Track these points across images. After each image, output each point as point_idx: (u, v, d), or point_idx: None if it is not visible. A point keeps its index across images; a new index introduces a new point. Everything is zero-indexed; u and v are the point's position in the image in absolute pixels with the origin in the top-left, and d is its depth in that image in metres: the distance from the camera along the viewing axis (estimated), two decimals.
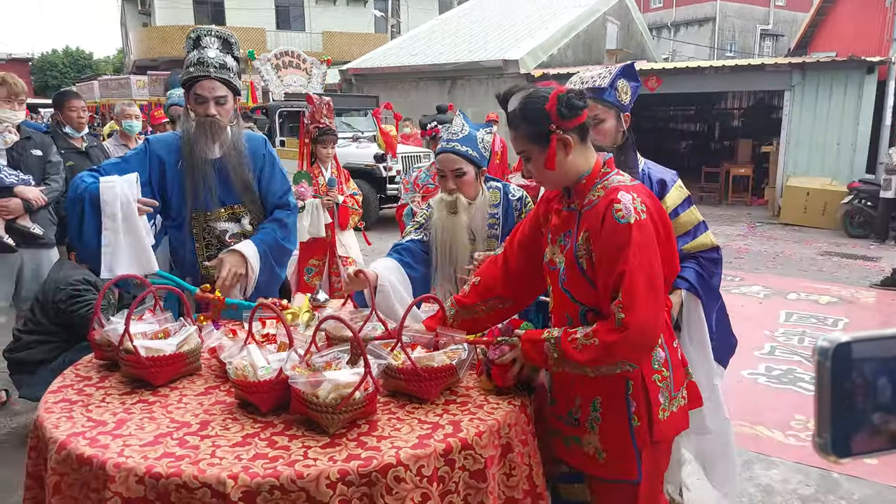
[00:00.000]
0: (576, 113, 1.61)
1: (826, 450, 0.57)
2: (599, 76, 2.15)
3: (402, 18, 24.27)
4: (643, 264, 1.55)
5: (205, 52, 2.42)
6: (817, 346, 0.56)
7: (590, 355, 1.58)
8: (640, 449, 1.68)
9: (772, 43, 34.81)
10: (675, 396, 1.73)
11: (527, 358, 1.71)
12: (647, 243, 1.57)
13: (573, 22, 15.68)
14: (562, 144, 1.63)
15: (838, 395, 0.56)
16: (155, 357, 1.78)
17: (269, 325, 2.04)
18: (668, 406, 1.71)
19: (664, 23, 35.37)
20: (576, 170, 1.67)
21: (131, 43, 27.03)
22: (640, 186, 1.68)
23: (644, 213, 1.58)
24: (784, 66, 11.21)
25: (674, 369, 1.74)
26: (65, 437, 1.52)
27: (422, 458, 1.45)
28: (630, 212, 1.56)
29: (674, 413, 1.72)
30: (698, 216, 2.24)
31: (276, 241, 2.57)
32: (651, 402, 1.67)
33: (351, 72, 16.71)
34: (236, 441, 1.51)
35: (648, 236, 1.58)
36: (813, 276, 7.12)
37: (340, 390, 1.52)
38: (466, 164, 2.34)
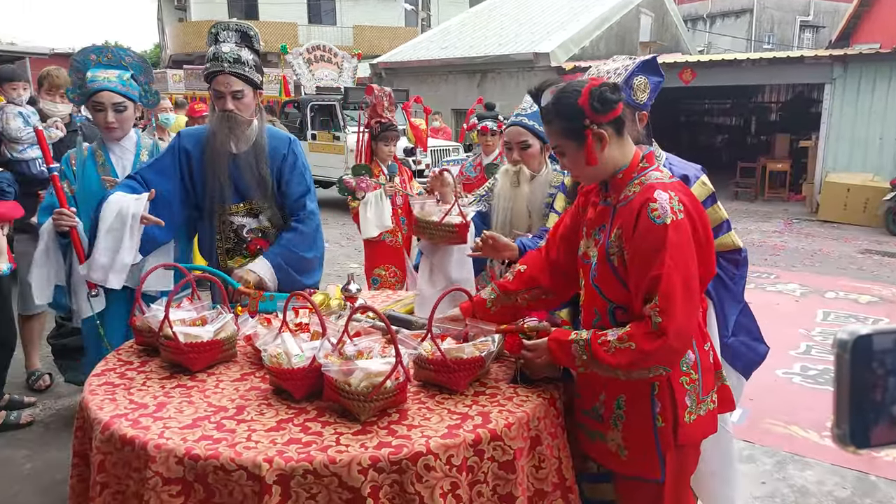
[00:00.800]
0: (610, 107, 1.58)
1: (845, 440, 0.57)
2: (616, 72, 2.05)
3: (432, 12, 24.28)
4: (679, 266, 1.52)
5: (220, 48, 2.44)
6: (837, 337, 0.57)
7: (625, 359, 1.55)
8: (663, 450, 1.66)
9: (812, 35, 33.86)
10: (703, 400, 1.69)
11: (553, 359, 1.70)
12: (684, 244, 1.54)
13: (606, 14, 15.47)
14: (597, 139, 1.60)
15: (857, 387, 0.57)
16: (193, 343, 1.83)
17: (302, 314, 2.08)
18: (695, 409, 1.67)
19: (700, 14, 34.67)
20: (613, 164, 1.64)
21: (167, 38, 27.55)
22: (678, 184, 1.63)
23: (681, 213, 1.54)
24: (825, 59, 10.91)
25: (703, 373, 1.70)
26: (108, 418, 1.58)
27: (451, 448, 1.46)
28: (666, 211, 1.53)
29: (701, 417, 1.69)
30: (722, 214, 2.15)
31: (292, 252, 2.53)
32: (677, 404, 1.64)
33: (381, 65, 16.77)
34: (271, 426, 1.55)
35: (685, 237, 1.54)
36: (852, 275, 6.95)
37: (372, 379, 1.55)
38: (532, 137, 2.46)
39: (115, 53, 2.62)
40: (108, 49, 2.63)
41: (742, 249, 2.13)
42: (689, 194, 1.64)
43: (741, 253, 2.13)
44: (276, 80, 14.30)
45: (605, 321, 1.69)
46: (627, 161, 1.65)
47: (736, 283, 2.13)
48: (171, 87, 15.18)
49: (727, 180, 13.54)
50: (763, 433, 3.47)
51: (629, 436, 1.69)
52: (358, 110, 11.59)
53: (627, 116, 2.00)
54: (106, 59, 2.58)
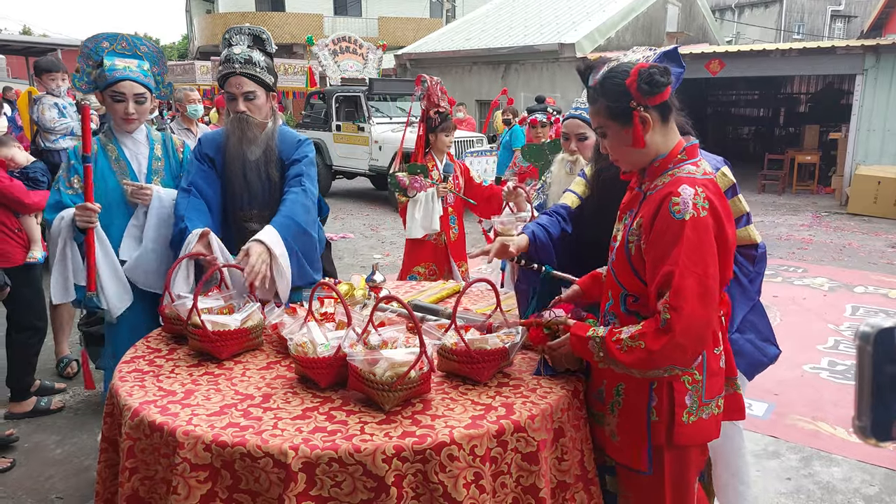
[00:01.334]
0: (657, 90, 1.54)
1: (866, 433, 0.58)
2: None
3: (457, 3, 24.13)
4: (696, 265, 1.48)
5: (232, 50, 2.44)
6: (859, 330, 0.56)
7: (635, 357, 1.54)
8: (654, 444, 1.64)
9: (843, 25, 33.07)
10: (706, 403, 1.65)
11: (576, 352, 1.70)
12: (702, 243, 1.49)
13: (633, 4, 15.26)
14: (642, 122, 1.56)
15: (880, 380, 0.56)
16: (220, 332, 1.86)
17: (327, 303, 2.09)
18: (695, 411, 1.64)
19: (728, 5, 34.05)
20: (654, 150, 1.61)
21: (195, 29, 27.82)
22: (710, 182, 1.57)
23: (704, 210, 1.50)
24: (856, 49, 10.64)
25: (710, 376, 1.65)
26: (138, 404, 1.62)
27: (475, 438, 1.47)
28: (688, 207, 1.49)
29: (703, 420, 1.65)
30: (743, 207, 2.08)
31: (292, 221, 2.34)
32: (675, 402, 1.62)
33: (406, 57, 16.75)
34: (297, 414, 1.57)
35: (704, 235, 1.50)
36: (883, 270, 6.80)
37: (396, 369, 1.56)
38: (589, 129, 2.53)
39: (131, 42, 2.50)
40: (122, 37, 2.49)
41: (759, 245, 2.06)
42: (719, 194, 1.58)
43: (758, 248, 2.06)
44: (301, 72, 14.39)
45: (616, 306, 1.69)
46: (668, 150, 1.61)
47: (752, 281, 2.07)
48: (199, 78, 15.34)
49: (754, 172, 13.33)
50: (789, 428, 3.43)
51: (623, 423, 1.69)
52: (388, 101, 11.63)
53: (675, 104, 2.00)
54: (121, 48, 2.47)
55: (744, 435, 2.25)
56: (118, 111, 2.43)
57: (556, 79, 13.94)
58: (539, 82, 14.11)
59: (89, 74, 2.46)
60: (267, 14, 24.81)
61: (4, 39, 12.61)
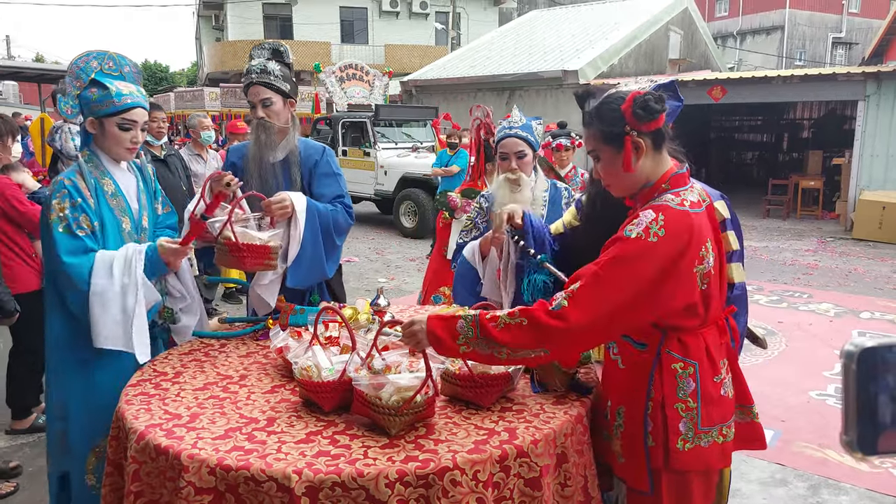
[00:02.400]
0: (651, 116, 1.57)
1: (853, 447, 0.60)
2: None
3: (462, 31, 24.51)
4: (614, 278, 1.49)
5: (251, 63, 2.59)
6: (844, 349, 0.59)
7: (512, 335, 1.51)
8: (653, 468, 1.65)
9: (844, 51, 33.37)
10: (704, 431, 1.64)
11: (433, 338, 1.59)
12: (634, 263, 1.49)
13: (635, 32, 15.45)
14: (634, 147, 1.59)
15: (864, 397, 0.59)
16: (249, 245, 2.16)
17: (331, 327, 2.11)
18: (690, 438, 1.63)
19: (730, 31, 34.44)
20: (644, 176, 1.63)
21: (205, 56, 28.28)
22: (683, 214, 1.55)
23: (655, 237, 1.50)
24: (857, 76, 10.74)
25: (706, 404, 1.63)
26: (143, 427, 1.62)
27: (478, 463, 1.47)
28: (640, 226, 1.52)
29: (701, 448, 1.63)
30: (731, 244, 1.96)
31: (329, 213, 2.54)
32: (668, 428, 1.62)
33: (412, 83, 16.95)
34: (301, 438, 1.57)
35: (638, 259, 1.50)
36: (889, 295, 6.78)
37: (402, 393, 1.57)
38: (526, 146, 2.63)
39: (117, 61, 2.29)
40: (110, 56, 2.29)
41: (736, 285, 1.94)
42: (688, 227, 1.54)
43: (736, 289, 1.95)
44: (308, 98, 14.57)
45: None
46: (656, 177, 1.64)
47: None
48: (208, 104, 15.56)
49: (759, 198, 13.35)
50: (795, 456, 3.39)
51: (626, 445, 1.71)
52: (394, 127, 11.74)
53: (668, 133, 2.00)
54: (108, 68, 2.25)
55: None
56: (123, 140, 2.21)
57: (560, 105, 14.07)
58: (543, 108, 14.24)
59: (78, 97, 2.23)
60: (276, 42, 25.22)
61: (18, 66, 12.85)
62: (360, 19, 26.71)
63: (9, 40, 29.37)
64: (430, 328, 1.60)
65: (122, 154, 2.26)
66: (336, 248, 2.65)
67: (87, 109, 2.20)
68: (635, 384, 1.68)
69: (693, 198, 1.62)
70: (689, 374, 1.63)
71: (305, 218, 2.46)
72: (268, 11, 25.85)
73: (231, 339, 2.32)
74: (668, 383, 1.63)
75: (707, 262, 1.59)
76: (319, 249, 2.54)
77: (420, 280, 7.33)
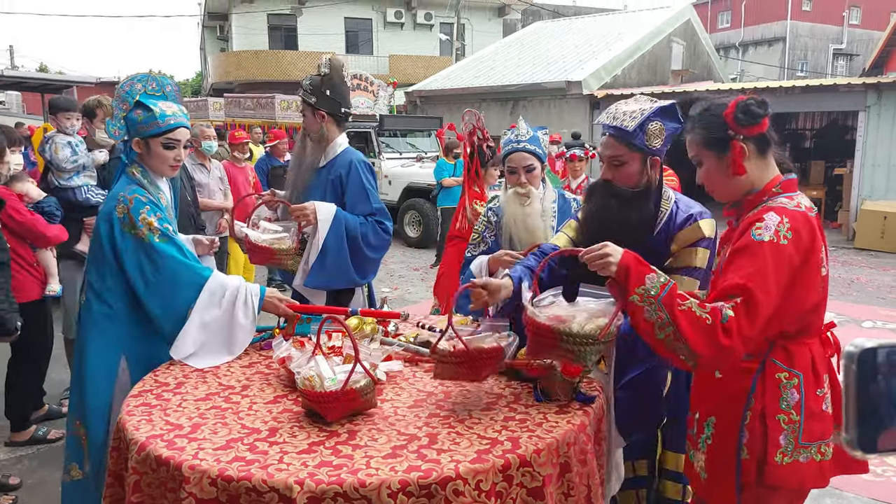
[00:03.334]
0: (752, 121, 1.58)
1: (853, 445, 0.61)
2: (632, 115, 1.99)
3: (466, 42, 24.64)
4: (766, 285, 1.48)
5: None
6: (845, 350, 0.61)
7: (690, 324, 1.47)
8: (742, 483, 1.61)
9: (845, 62, 33.46)
10: (804, 446, 1.58)
11: (618, 270, 1.57)
12: (775, 268, 1.49)
13: (638, 43, 15.52)
14: (741, 152, 1.61)
15: (864, 396, 0.60)
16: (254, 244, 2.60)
17: (335, 337, 2.11)
18: (790, 452, 1.58)
19: (732, 43, 34.56)
20: (748, 182, 1.64)
21: (209, 67, 28.41)
22: (801, 214, 1.56)
23: (786, 240, 1.51)
24: (858, 87, 10.76)
25: (808, 417, 1.58)
26: (144, 438, 1.62)
27: (480, 473, 1.47)
28: (769, 231, 1.52)
29: (799, 463, 1.58)
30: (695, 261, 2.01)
31: (358, 225, 2.82)
32: (769, 440, 1.58)
33: (416, 94, 17.03)
34: (303, 448, 1.57)
35: (779, 262, 1.50)
36: (891, 304, 6.76)
37: (595, 321, 1.61)
38: (535, 160, 2.65)
39: (159, 82, 2.43)
40: (153, 78, 2.44)
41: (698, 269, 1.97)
42: (810, 228, 1.56)
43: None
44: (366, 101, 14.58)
45: None
46: (763, 183, 1.64)
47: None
48: (212, 114, 15.59)
49: None
50: None
51: (711, 460, 1.67)
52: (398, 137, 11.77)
53: (638, 160, 2.01)
54: (151, 89, 2.38)
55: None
56: (168, 158, 2.31)
57: (564, 115, 14.10)
58: (547, 118, 14.27)
59: (124, 119, 2.33)
60: (280, 52, 25.31)
61: (21, 76, 12.92)
62: (365, 30, 26.84)
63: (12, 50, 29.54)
64: (626, 261, 1.58)
65: (167, 171, 2.37)
66: (368, 259, 2.88)
67: (134, 130, 2.30)
68: (733, 393, 1.64)
69: (806, 202, 1.62)
70: (793, 385, 1.59)
71: (330, 226, 2.72)
72: (273, 22, 25.98)
73: None
74: (770, 393, 1.59)
75: (824, 267, 1.61)
76: (345, 256, 2.77)
77: (423, 290, 7.33)
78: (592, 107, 13.69)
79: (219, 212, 5.42)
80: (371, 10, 26.40)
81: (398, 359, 2.06)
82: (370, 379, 1.73)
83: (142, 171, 2.33)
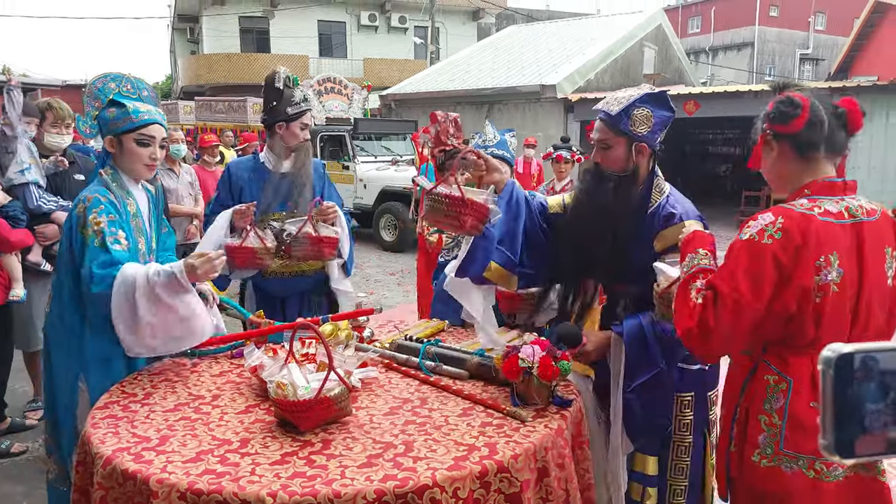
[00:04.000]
0: (781, 119, 1.61)
1: (830, 451, 0.62)
2: (619, 101, 2.04)
3: (440, 45, 24.66)
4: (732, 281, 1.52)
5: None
6: (822, 356, 0.62)
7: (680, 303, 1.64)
8: (731, 476, 1.70)
9: (811, 67, 34.27)
10: (789, 455, 1.56)
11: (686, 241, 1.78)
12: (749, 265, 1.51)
13: (611, 47, 15.69)
14: (765, 145, 1.66)
15: (841, 401, 0.61)
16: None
17: (308, 344, 2.07)
18: (769, 456, 1.58)
19: (702, 47, 35.15)
20: (785, 180, 1.66)
21: (179, 70, 28.03)
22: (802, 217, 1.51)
23: (770, 239, 1.50)
24: (824, 91, 10.99)
25: (793, 427, 1.55)
26: (111, 452, 1.57)
27: (457, 480, 1.45)
28: (753, 229, 1.54)
29: (781, 472, 1.57)
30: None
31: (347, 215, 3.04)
32: (747, 437, 1.62)
33: (391, 97, 17.00)
34: (275, 459, 1.53)
35: (757, 260, 1.50)
36: None
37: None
38: (503, 164, 2.59)
39: (135, 84, 2.34)
40: (128, 79, 2.34)
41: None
42: (808, 231, 1.50)
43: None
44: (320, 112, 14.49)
45: None
46: (800, 184, 1.61)
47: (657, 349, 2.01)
48: (182, 118, 15.39)
49: (732, 209, 13.53)
50: None
51: (718, 447, 1.82)
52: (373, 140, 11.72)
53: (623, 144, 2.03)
54: (126, 90, 2.30)
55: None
56: (142, 156, 2.23)
57: (539, 118, 14.19)
58: (522, 122, 14.34)
59: (96, 118, 2.26)
60: (252, 55, 25.06)
61: None
62: (339, 33, 26.71)
63: None
64: (692, 235, 1.80)
65: (141, 171, 2.28)
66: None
67: (106, 128, 2.23)
68: (733, 389, 1.71)
69: (833, 208, 1.55)
70: (780, 390, 1.57)
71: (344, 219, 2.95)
72: (244, 25, 25.72)
73: (204, 358, 2.27)
74: (758, 393, 1.62)
75: (827, 274, 1.50)
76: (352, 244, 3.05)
77: (400, 294, 7.30)
78: (567, 110, 13.80)
79: (188, 217, 5.29)
80: (345, 13, 26.30)
81: (373, 365, 2.03)
82: (345, 387, 1.69)
83: (112, 174, 2.24)
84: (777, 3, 33.26)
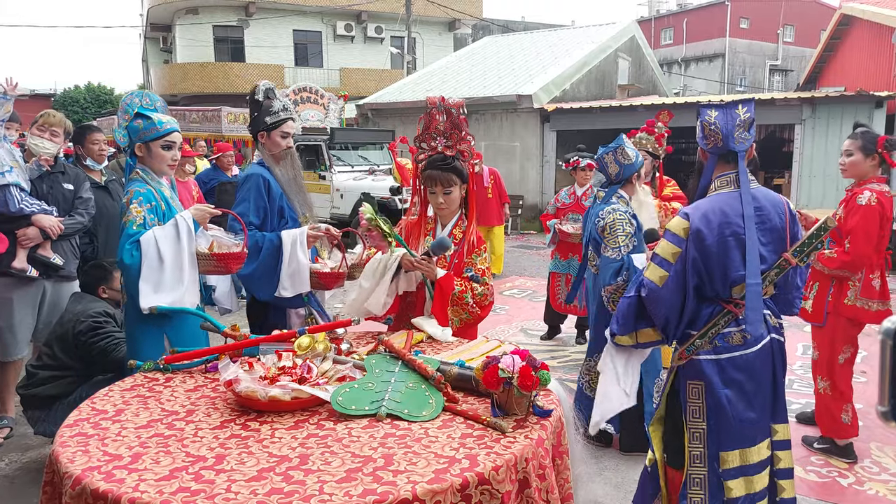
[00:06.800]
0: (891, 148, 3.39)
1: (888, 417, 0.66)
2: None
3: (417, 55, 24.70)
4: (865, 228, 3.40)
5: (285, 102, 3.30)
6: (883, 327, 0.65)
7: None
8: (828, 310, 3.57)
9: (781, 78, 35.05)
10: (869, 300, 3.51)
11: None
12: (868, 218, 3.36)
13: (585, 58, 15.87)
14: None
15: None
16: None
17: (285, 357, 2.04)
18: (852, 298, 3.52)
19: (675, 59, 35.77)
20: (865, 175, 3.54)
21: (152, 79, 27.69)
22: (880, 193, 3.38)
23: (875, 202, 3.35)
24: (794, 101, 11.27)
25: (865, 287, 3.57)
26: (80, 471, 1.52)
27: (438, 493, 1.43)
28: (865, 198, 3.39)
29: (857, 308, 3.54)
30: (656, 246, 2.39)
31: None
32: (841, 286, 3.59)
33: (367, 107, 16.97)
34: (252, 476, 1.50)
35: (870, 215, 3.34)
36: None
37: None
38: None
39: (151, 99, 2.92)
40: (147, 94, 2.95)
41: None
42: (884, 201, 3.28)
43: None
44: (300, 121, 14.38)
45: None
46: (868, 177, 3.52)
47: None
48: None
49: None
50: None
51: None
52: (350, 150, 11.65)
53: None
54: (145, 104, 2.87)
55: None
56: (166, 158, 2.76)
57: (516, 128, 14.28)
58: (499, 131, 14.42)
59: (126, 128, 2.77)
60: (227, 64, 24.84)
61: None
62: (315, 42, 26.62)
63: None
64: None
65: (166, 169, 2.81)
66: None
67: (136, 136, 2.73)
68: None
69: (887, 190, 3.28)
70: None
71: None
72: (218, 34, 25.50)
73: (177, 373, 2.22)
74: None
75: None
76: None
77: None
78: (543, 120, 13.91)
79: None
80: (321, 22, 26.23)
81: (352, 379, 2.00)
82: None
83: (143, 171, 2.75)
84: (747, 15, 33.99)
